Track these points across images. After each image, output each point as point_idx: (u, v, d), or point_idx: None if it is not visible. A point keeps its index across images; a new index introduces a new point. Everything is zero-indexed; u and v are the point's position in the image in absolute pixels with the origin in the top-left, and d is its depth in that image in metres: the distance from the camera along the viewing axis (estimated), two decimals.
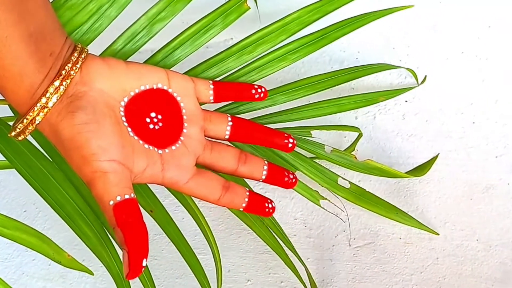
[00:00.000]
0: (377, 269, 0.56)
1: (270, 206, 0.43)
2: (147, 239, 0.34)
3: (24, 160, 0.42)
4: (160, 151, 0.38)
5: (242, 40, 0.47)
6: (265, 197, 0.43)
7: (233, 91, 0.44)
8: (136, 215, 0.34)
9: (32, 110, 0.34)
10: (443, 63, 0.59)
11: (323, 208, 0.54)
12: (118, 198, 0.34)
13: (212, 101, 0.43)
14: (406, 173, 0.54)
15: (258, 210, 0.43)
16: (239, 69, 0.48)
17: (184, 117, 0.41)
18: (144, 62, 0.46)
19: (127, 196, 0.34)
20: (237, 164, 0.43)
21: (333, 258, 0.57)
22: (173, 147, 0.39)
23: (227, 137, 0.43)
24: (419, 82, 0.58)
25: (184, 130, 0.41)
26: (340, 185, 0.52)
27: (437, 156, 0.55)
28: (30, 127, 0.35)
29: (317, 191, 0.52)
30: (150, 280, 0.44)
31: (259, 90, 0.45)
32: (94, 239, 0.42)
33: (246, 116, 0.49)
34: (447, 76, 0.58)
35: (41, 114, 0.34)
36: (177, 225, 0.47)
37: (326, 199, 0.52)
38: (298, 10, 0.47)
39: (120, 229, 0.33)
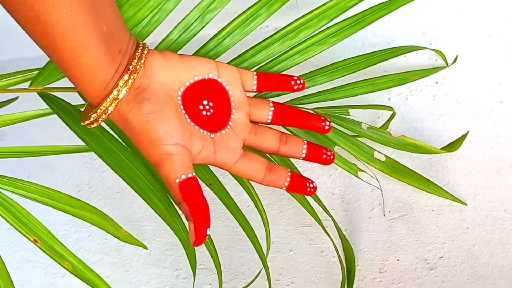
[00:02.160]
0: (411, 238, 0.59)
1: (311, 186, 0.46)
2: (209, 211, 0.39)
3: (100, 143, 0.47)
4: (212, 135, 0.42)
5: (285, 27, 0.50)
6: (306, 178, 0.47)
7: (274, 81, 0.47)
8: (198, 191, 0.39)
9: (105, 101, 0.38)
10: (471, 46, 0.61)
11: (362, 179, 0.57)
12: (183, 177, 0.38)
13: (255, 90, 0.47)
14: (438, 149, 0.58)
15: (299, 190, 0.46)
16: (283, 53, 0.51)
17: (232, 104, 0.45)
18: (197, 50, 0.49)
19: (190, 175, 0.39)
20: (279, 145, 0.46)
21: (370, 230, 0.61)
22: (223, 131, 0.43)
23: (269, 121, 0.47)
24: (450, 64, 0.61)
25: (232, 116, 0.44)
26: (376, 158, 0.56)
27: (467, 133, 0.58)
28: (103, 116, 0.39)
29: (355, 164, 0.56)
30: (212, 244, 0.49)
31: (298, 82, 0.48)
32: (164, 209, 0.46)
33: (289, 96, 0.53)
34: (475, 58, 0.60)
35: (113, 104, 0.38)
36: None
37: (363, 171, 0.56)
38: None
39: (186, 203, 0.38)
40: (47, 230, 0.51)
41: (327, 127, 0.48)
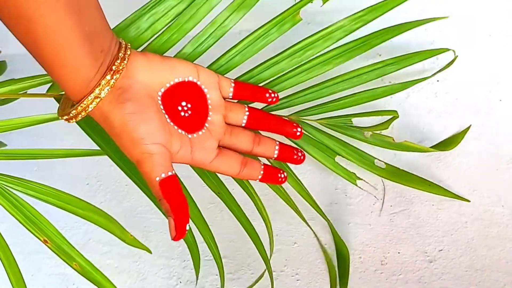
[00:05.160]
0: (412, 232, 0.61)
1: (282, 176, 0.50)
2: (188, 208, 0.41)
3: (115, 149, 0.48)
4: (189, 136, 0.44)
5: (294, 45, 0.51)
6: (278, 168, 0.50)
7: (250, 91, 0.49)
8: (178, 188, 0.40)
9: (86, 99, 0.38)
10: (472, 45, 0.62)
11: (365, 181, 0.59)
12: (163, 175, 0.40)
13: (231, 97, 0.48)
14: (436, 145, 0.59)
15: (272, 180, 0.49)
16: (290, 70, 0.52)
17: (209, 106, 0.46)
18: (208, 67, 0.50)
19: (170, 173, 0.40)
20: (252, 146, 0.49)
21: (372, 223, 0.63)
22: (200, 132, 0.45)
23: (243, 124, 0.49)
24: (449, 63, 0.62)
25: (209, 118, 0.46)
26: (376, 165, 0.58)
27: (467, 129, 0.58)
28: (83, 113, 0.39)
29: (354, 173, 0.58)
30: (212, 238, 0.51)
31: (272, 95, 0.50)
32: None
33: (296, 108, 0.54)
34: (475, 58, 0.61)
35: (94, 103, 0.38)
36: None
37: (361, 179, 0.58)
38: (342, 19, 0.51)
39: (166, 200, 0.39)
40: (57, 230, 0.53)
41: (298, 133, 0.51)
